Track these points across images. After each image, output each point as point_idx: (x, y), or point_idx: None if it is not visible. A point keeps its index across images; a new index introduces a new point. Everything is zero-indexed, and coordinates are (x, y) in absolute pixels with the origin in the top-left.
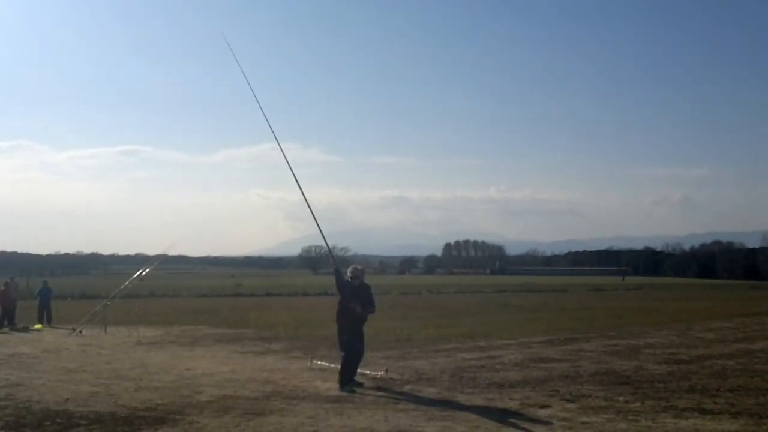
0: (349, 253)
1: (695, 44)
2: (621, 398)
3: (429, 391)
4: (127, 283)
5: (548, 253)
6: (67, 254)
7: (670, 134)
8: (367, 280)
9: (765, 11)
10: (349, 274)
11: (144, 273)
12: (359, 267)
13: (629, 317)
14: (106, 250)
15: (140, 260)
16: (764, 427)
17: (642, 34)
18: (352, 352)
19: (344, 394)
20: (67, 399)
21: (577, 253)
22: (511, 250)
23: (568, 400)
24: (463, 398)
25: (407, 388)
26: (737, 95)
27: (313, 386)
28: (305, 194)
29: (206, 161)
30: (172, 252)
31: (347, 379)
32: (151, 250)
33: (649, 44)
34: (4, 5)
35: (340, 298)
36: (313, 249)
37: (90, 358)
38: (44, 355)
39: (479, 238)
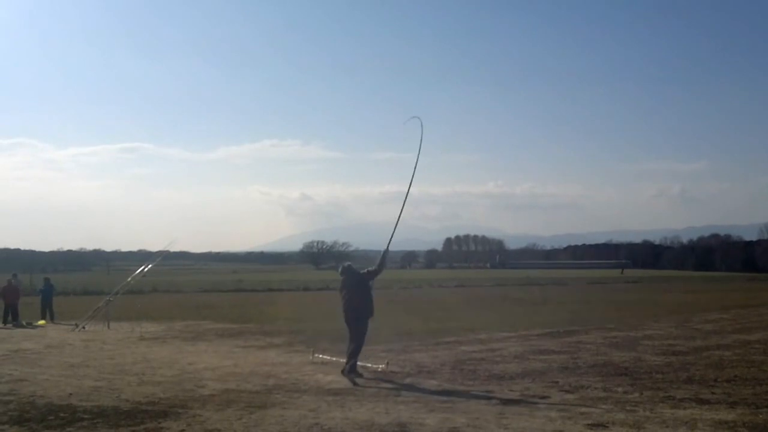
0: (351, 248)
1: (693, 39)
2: (619, 389)
3: (430, 384)
4: (129, 279)
5: (548, 246)
6: (69, 251)
7: (668, 128)
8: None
9: (762, 5)
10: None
11: (146, 269)
12: (345, 264)
13: (628, 310)
14: (108, 247)
15: (142, 256)
16: (761, 416)
17: (640, 28)
18: (362, 342)
19: (345, 387)
20: (71, 394)
21: (576, 246)
22: (511, 244)
23: (567, 391)
24: (463, 390)
25: (408, 380)
26: (735, 89)
27: (315, 379)
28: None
29: (207, 158)
30: (174, 248)
31: (354, 366)
32: (153, 247)
33: (647, 39)
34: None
35: (343, 293)
36: (315, 244)
37: (93, 354)
38: (47, 350)
39: (479, 233)
